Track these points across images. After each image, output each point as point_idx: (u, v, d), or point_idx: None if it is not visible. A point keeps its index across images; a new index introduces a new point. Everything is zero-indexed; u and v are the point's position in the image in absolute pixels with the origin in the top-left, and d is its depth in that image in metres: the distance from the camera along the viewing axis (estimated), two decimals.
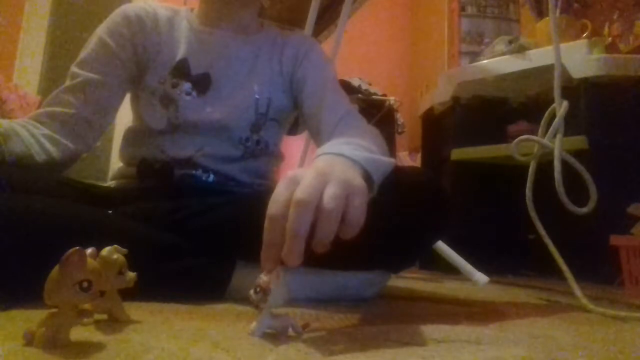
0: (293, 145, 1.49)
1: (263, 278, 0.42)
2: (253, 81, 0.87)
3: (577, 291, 0.82)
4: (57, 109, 0.79)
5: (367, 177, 0.53)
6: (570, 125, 1.00)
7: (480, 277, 1.26)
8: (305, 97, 0.88)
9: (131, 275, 0.46)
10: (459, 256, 1.33)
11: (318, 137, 0.85)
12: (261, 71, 0.88)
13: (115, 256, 0.45)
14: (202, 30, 0.88)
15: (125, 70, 0.84)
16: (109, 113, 0.85)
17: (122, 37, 0.84)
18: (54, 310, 0.36)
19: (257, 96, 0.86)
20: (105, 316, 0.47)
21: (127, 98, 0.90)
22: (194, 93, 0.83)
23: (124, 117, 0.93)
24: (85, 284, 0.36)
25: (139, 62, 0.85)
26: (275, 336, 0.43)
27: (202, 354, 0.36)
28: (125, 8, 0.87)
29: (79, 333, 0.40)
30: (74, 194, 0.72)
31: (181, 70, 0.84)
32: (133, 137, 0.87)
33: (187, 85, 0.83)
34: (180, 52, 0.85)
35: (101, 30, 0.85)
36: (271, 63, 0.90)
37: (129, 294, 0.49)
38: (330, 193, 0.42)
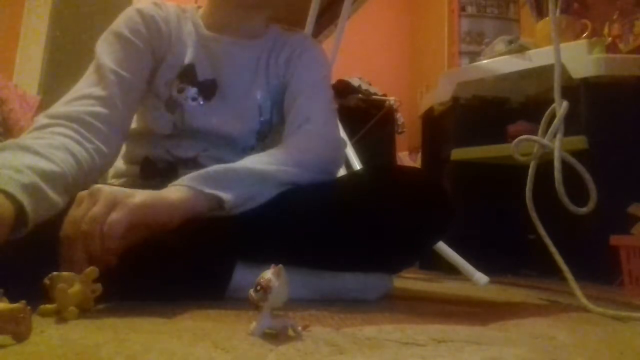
0: None
1: (264, 277, 0.42)
2: (256, 87, 0.86)
3: (577, 291, 0.82)
4: (100, 110, 0.71)
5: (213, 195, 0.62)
6: (570, 125, 1.00)
7: (480, 277, 1.26)
8: (285, 97, 0.87)
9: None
10: (459, 256, 1.33)
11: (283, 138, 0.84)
12: (263, 76, 0.87)
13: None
14: (207, 36, 0.86)
15: (147, 71, 0.81)
16: (132, 118, 0.81)
17: (143, 36, 0.81)
18: None
19: (259, 102, 0.85)
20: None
21: None
22: (200, 99, 0.82)
23: None
24: None
25: (154, 65, 0.83)
26: (275, 336, 0.43)
27: (202, 354, 0.36)
28: (140, 8, 0.84)
29: (79, 333, 0.41)
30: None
31: (188, 75, 0.83)
32: (137, 137, 0.87)
33: (193, 91, 0.82)
34: (188, 57, 0.83)
35: (122, 29, 0.80)
36: (269, 67, 0.89)
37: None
38: (89, 214, 0.52)
